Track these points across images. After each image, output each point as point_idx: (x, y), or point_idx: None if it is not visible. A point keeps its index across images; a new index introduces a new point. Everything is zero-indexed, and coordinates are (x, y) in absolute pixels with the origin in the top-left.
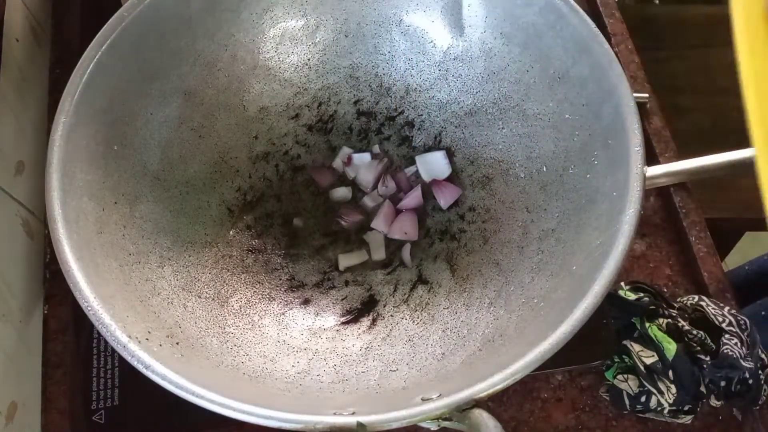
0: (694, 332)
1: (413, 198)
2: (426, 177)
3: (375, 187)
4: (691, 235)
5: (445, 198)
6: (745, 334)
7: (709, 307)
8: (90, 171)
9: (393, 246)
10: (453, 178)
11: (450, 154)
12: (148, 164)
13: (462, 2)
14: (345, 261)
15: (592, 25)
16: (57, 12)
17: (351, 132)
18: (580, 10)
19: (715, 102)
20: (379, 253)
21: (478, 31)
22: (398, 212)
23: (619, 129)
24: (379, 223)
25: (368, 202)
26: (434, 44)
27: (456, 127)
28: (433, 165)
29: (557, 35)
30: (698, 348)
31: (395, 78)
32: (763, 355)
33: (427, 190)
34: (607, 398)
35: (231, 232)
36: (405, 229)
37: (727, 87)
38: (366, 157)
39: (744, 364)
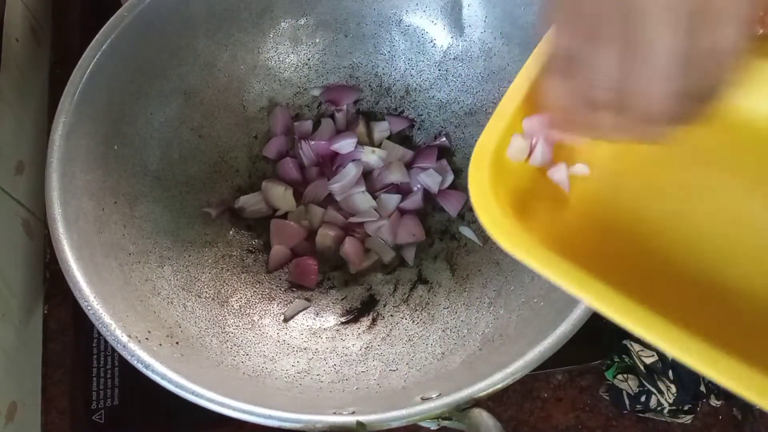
0: None
1: (414, 201)
2: (434, 188)
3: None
4: None
5: (453, 206)
6: None
7: None
8: (90, 171)
9: (393, 246)
10: (454, 180)
11: (450, 154)
12: (148, 164)
13: (462, 2)
14: (361, 266)
15: None
16: (57, 12)
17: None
18: None
19: None
20: (389, 255)
21: (478, 31)
22: (401, 214)
23: None
24: (384, 233)
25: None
26: (434, 44)
27: (456, 127)
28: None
29: None
30: None
31: (395, 78)
32: None
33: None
34: (607, 398)
35: (231, 232)
36: (413, 231)
37: None
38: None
39: None
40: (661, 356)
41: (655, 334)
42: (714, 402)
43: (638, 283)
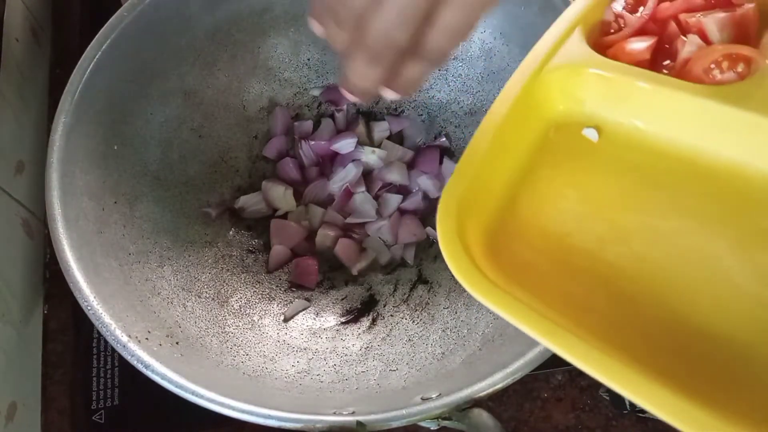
0: None
1: (415, 201)
2: (434, 192)
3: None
4: None
5: None
6: None
7: None
8: (90, 171)
9: (392, 246)
10: None
11: (450, 154)
12: (148, 164)
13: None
14: (357, 266)
15: None
16: (57, 12)
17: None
18: None
19: None
20: (385, 256)
21: (478, 31)
22: (401, 214)
23: None
24: (385, 233)
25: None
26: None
27: (456, 127)
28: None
29: None
30: None
31: None
32: None
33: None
34: (607, 398)
35: (231, 232)
36: (413, 231)
37: None
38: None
39: None
40: None
41: (613, 379)
42: None
43: (602, 323)
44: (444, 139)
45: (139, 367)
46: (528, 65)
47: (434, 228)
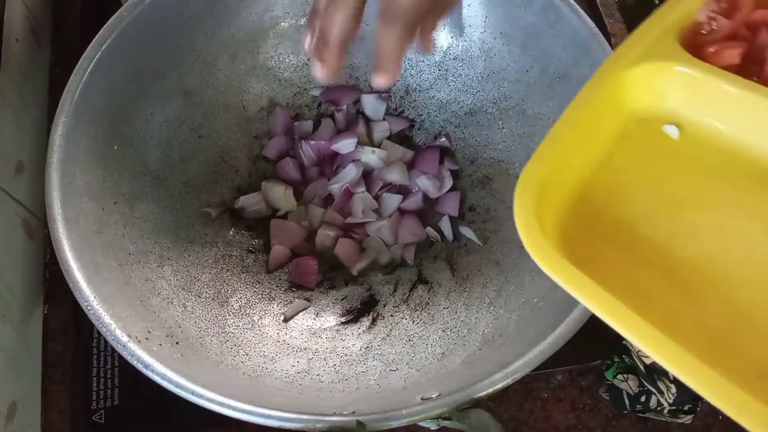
0: None
1: (415, 201)
2: (434, 193)
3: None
4: None
5: (452, 209)
6: None
7: None
8: (90, 171)
9: (392, 246)
10: (453, 180)
11: (450, 154)
12: (148, 164)
13: (462, 2)
14: (357, 266)
15: (592, 24)
16: (57, 12)
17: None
18: (580, 10)
19: None
20: (385, 256)
21: (478, 31)
22: (401, 214)
23: None
24: (385, 233)
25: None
26: (434, 44)
27: (456, 127)
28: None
29: (557, 35)
30: None
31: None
32: None
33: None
34: (607, 398)
35: (231, 232)
36: (413, 230)
37: None
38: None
39: None
40: None
41: (675, 363)
42: None
43: (662, 313)
44: (444, 139)
45: (139, 367)
46: (617, 58)
47: (434, 228)
